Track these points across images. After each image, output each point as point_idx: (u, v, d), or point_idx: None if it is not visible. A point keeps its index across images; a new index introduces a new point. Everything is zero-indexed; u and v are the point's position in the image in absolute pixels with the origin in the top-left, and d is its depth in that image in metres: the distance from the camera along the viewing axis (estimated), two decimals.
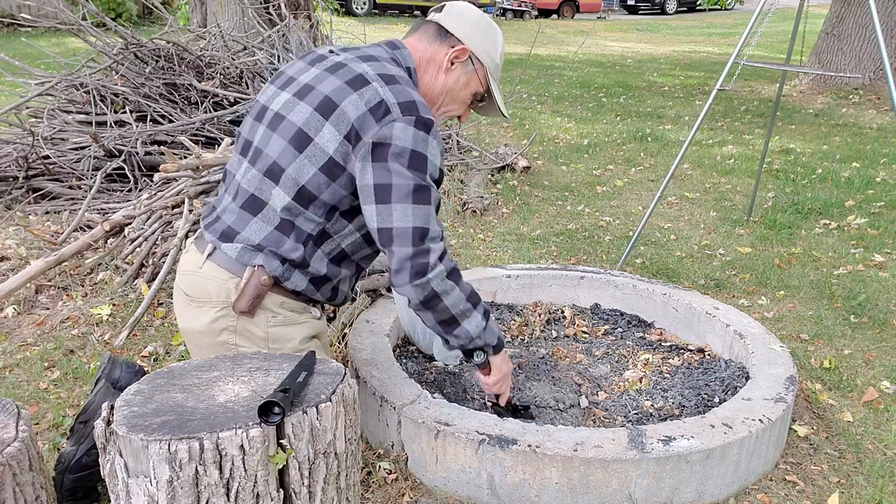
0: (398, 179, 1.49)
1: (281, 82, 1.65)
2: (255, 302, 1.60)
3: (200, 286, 1.62)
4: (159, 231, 3.33)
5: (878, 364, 2.75)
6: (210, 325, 1.63)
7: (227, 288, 1.60)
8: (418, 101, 1.52)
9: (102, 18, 5.17)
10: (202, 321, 1.63)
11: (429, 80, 1.69)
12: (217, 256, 1.62)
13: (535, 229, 4.24)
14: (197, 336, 1.67)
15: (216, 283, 1.61)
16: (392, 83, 1.52)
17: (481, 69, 1.70)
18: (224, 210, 1.66)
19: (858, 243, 4.04)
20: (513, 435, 1.90)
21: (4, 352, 2.76)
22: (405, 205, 1.50)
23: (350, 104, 1.48)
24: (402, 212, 1.50)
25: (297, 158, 1.52)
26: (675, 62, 12.82)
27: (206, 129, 4.62)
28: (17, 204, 4.27)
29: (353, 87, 1.50)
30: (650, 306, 2.89)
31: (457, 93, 1.70)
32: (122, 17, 14.63)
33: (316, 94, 1.53)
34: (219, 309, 1.62)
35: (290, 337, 1.68)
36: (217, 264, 1.61)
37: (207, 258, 1.62)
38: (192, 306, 1.65)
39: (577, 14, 23.58)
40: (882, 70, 7.76)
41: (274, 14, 7.30)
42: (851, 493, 2.04)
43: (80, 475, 1.84)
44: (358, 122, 1.48)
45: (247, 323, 1.63)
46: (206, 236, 1.65)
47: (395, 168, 1.48)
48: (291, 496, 1.25)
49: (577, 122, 7.50)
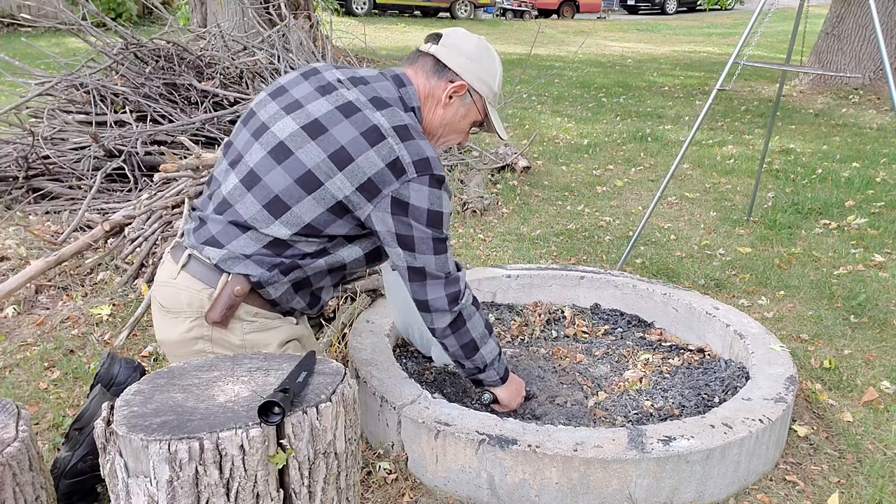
0: (418, 233, 1.59)
1: (283, 101, 1.62)
2: (227, 313, 1.59)
3: (174, 297, 1.62)
4: (159, 231, 3.33)
5: (878, 364, 2.75)
6: (185, 336, 1.62)
7: (201, 298, 1.60)
8: (431, 158, 1.56)
9: (102, 18, 5.17)
10: (177, 332, 1.63)
11: (428, 115, 1.71)
12: (192, 267, 1.60)
13: (535, 229, 4.24)
14: (173, 346, 1.66)
15: (189, 293, 1.60)
16: (406, 139, 1.55)
17: (480, 100, 1.74)
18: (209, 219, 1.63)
19: (858, 243, 4.04)
20: (513, 435, 1.90)
21: (4, 352, 2.76)
22: (428, 255, 1.63)
23: (366, 160, 1.51)
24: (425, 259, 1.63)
25: (305, 199, 1.52)
26: (675, 62, 12.83)
27: (206, 129, 4.62)
28: (17, 204, 4.27)
29: (369, 142, 1.52)
30: (650, 306, 2.89)
31: (455, 124, 1.74)
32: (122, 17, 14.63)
33: (329, 140, 1.52)
34: (192, 319, 1.61)
35: (266, 342, 1.67)
36: (191, 275, 1.60)
37: (182, 269, 1.61)
38: (167, 317, 1.65)
39: (577, 14, 23.59)
40: (882, 70, 7.76)
41: (274, 14, 7.31)
42: (851, 493, 2.04)
43: (74, 480, 1.85)
44: (376, 178, 1.52)
45: (222, 332, 1.63)
46: (187, 241, 1.63)
47: (414, 224, 1.58)
48: (291, 496, 1.25)
49: (577, 122, 7.50)
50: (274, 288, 1.62)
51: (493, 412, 2.11)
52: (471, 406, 2.22)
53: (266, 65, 5.31)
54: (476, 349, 1.83)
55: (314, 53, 5.74)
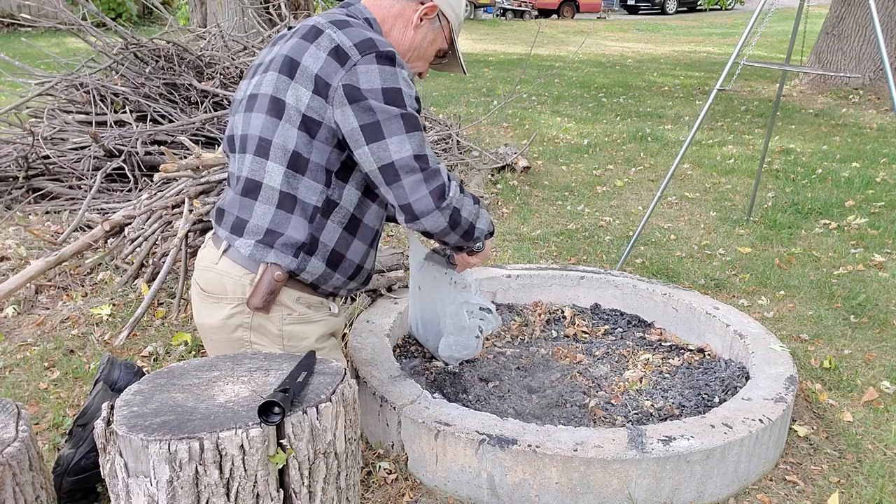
0: (382, 115, 1.46)
1: (249, 74, 1.67)
2: (269, 298, 1.58)
3: (216, 282, 1.63)
4: (159, 231, 3.32)
5: (878, 364, 2.75)
6: (225, 322, 1.62)
7: (243, 284, 1.60)
8: (375, 38, 1.49)
9: (102, 18, 5.17)
10: (217, 317, 1.63)
11: (397, 36, 1.67)
12: (232, 252, 1.62)
13: (535, 229, 4.24)
14: (212, 331, 1.67)
15: (232, 279, 1.61)
16: (344, 27, 1.50)
17: (447, 26, 1.71)
18: (228, 203, 1.66)
19: (858, 243, 4.04)
20: (513, 435, 1.90)
21: (4, 352, 2.76)
22: (399, 136, 1.47)
23: (309, 57, 1.48)
24: (398, 143, 1.47)
25: (279, 125, 1.50)
26: (675, 62, 12.83)
27: (206, 129, 4.62)
28: (17, 204, 4.27)
29: (308, 40, 1.50)
30: (650, 306, 2.89)
31: (423, 49, 1.70)
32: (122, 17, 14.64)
33: (278, 59, 1.53)
34: (234, 305, 1.62)
35: (305, 335, 1.66)
36: (233, 260, 1.61)
37: (223, 254, 1.62)
38: (208, 302, 1.65)
39: (577, 14, 23.60)
40: (882, 70, 7.77)
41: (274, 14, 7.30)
42: (851, 493, 2.04)
43: (78, 478, 1.85)
44: (322, 72, 1.46)
45: (262, 320, 1.62)
46: (220, 233, 1.65)
47: (374, 105, 1.46)
48: (291, 496, 1.25)
49: (577, 122, 7.50)
50: (308, 273, 1.61)
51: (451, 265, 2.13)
52: (471, 406, 2.22)
53: None
54: (473, 230, 1.70)
55: None
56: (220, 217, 1.68)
